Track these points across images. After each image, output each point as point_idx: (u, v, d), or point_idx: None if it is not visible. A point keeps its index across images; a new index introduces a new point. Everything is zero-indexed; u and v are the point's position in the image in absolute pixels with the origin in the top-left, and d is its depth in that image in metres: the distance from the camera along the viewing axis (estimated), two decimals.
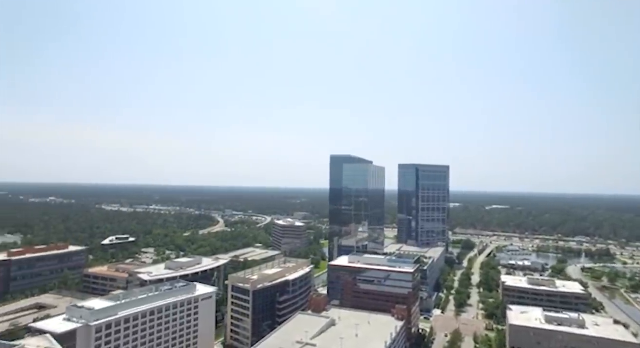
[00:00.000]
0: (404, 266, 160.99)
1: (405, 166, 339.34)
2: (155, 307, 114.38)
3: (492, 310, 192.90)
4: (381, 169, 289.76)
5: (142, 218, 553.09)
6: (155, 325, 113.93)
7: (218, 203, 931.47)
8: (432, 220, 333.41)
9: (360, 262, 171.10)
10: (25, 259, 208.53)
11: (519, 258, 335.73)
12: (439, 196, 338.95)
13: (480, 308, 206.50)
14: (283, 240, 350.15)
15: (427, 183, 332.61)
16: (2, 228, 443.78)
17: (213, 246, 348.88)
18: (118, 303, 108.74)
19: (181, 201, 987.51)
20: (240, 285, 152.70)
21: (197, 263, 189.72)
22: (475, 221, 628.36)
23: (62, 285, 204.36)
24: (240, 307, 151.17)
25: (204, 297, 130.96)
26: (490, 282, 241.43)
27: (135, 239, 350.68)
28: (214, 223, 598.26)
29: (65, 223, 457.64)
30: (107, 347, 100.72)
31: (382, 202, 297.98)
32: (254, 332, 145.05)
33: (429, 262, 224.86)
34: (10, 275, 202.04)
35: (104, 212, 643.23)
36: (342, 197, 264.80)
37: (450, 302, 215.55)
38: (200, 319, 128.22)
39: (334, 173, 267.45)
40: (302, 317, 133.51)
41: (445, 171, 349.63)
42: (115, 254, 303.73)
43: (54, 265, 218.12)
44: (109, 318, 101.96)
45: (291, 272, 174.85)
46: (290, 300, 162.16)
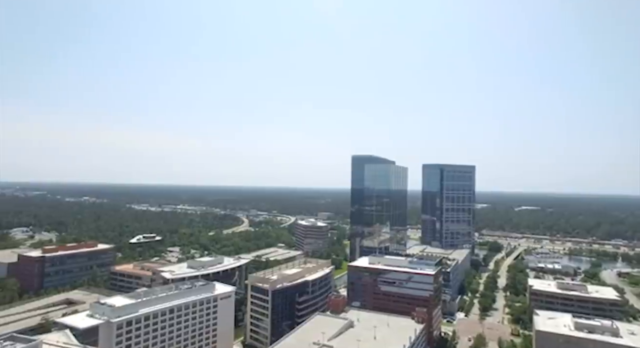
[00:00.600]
0: (425, 268, 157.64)
1: (430, 166, 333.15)
2: (174, 305, 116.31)
3: (519, 315, 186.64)
4: (403, 168, 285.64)
5: (168, 218, 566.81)
6: (174, 322, 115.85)
7: (243, 203, 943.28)
8: (457, 221, 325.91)
9: (380, 263, 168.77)
10: (57, 256, 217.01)
11: (548, 261, 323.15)
12: (464, 197, 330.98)
13: (506, 313, 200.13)
14: (305, 240, 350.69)
15: (452, 184, 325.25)
16: (40, 226, 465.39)
17: (236, 245, 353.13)
18: (139, 301, 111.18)
19: (207, 201, 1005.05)
20: (259, 284, 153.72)
21: (218, 262, 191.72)
22: (503, 222, 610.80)
23: (91, 281, 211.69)
24: (260, 307, 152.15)
25: (223, 296, 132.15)
26: (517, 285, 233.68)
27: (161, 238, 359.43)
28: (239, 223, 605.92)
29: (96, 222, 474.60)
30: (127, 343, 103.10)
31: (405, 202, 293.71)
32: (272, 331, 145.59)
33: (452, 264, 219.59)
34: (44, 271, 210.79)
35: (133, 211, 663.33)
36: (363, 197, 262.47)
37: (475, 306, 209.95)
38: (219, 318, 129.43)
39: (355, 173, 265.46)
40: (320, 318, 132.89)
41: (471, 171, 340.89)
42: (142, 252, 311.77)
43: (83, 262, 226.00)
44: (129, 315, 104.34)
45: (311, 273, 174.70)
46: (310, 300, 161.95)
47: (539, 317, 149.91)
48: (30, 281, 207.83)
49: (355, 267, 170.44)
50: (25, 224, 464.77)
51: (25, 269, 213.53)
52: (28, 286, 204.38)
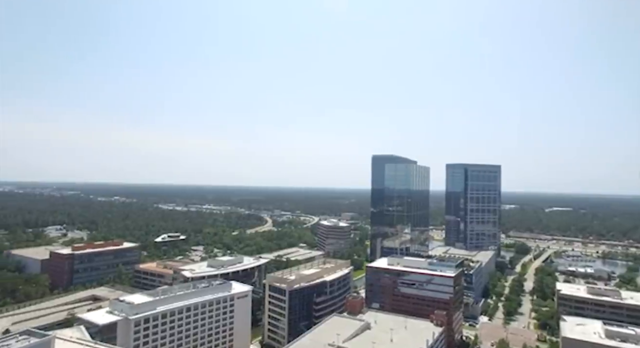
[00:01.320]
0: (446, 270, 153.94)
1: (453, 166, 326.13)
2: (192, 303, 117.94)
3: (546, 320, 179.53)
4: (425, 168, 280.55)
5: (193, 217, 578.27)
6: (191, 321, 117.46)
7: (267, 203, 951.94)
8: (482, 222, 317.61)
9: (399, 264, 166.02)
10: (85, 254, 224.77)
11: (580, 265, 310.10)
12: (489, 197, 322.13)
13: (532, 317, 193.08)
14: (327, 240, 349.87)
15: (477, 184, 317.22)
16: (73, 224, 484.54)
17: (258, 245, 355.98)
18: (157, 299, 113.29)
19: (232, 201, 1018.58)
20: (276, 284, 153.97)
21: (238, 261, 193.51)
22: (532, 224, 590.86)
23: (116, 279, 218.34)
24: (277, 307, 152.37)
25: (240, 295, 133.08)
26: (544, 289, 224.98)
27: (185, 237, 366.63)
28: (262, 222, 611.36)
29: (124, 221, 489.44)
30: (145, 340, 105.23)
31: (427, 202, 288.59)
32: (289, 331, 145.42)
33: (475, 266, 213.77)
34: (73, 268, 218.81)
35: (160, 210, 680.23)
36: (383, 198, 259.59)
37: (499, 309, 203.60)
38: (236, 317, 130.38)
39: (375, 173, 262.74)
40: (336, 319, 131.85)
41: (496, 171, 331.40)
42: (167, 251, 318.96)
43: (110, 260, 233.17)
44: (147, 313, 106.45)
45: (329, 273, 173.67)
46: (328, 301, 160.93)
47: (566, 323, 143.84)
48: (60, 277, 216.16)
49: (374, 268, 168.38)
50: (60, 223, 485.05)
51: (56, 266, 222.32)
52: (59, 282, 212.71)
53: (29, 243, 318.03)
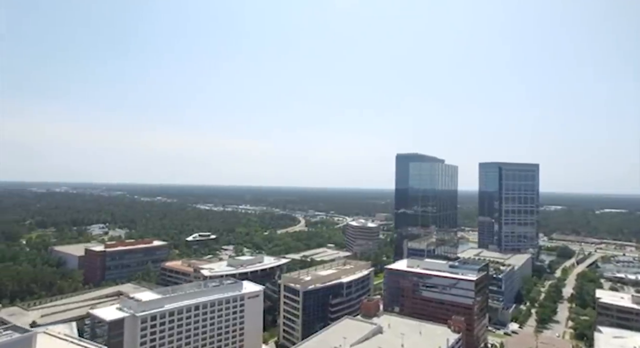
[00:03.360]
0: (467, 273, 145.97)
1: (487, 165, 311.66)
2: (200, 302, 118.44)
3: (584, 330, 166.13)
4: (453, 167, 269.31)
5: (228, 217, 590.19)
6: (200, 319, 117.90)
7: (302, 203, 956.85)
8: (518, 223, 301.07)
9: (419, 266, 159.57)
10: (116, 251, 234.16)
11: (631, 271, 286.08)
12: (526, 197, 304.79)
13: (568, 327, 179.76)
14: (356, 241, 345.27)
15: (512, 184, 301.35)
16: (115, 223, 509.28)
17: (287, 245, 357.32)
18: (165, 297, 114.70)
19: (268, 201, 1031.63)
20: (291, 285, 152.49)
21: (258, 261, 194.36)
22: (579, 226, 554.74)
23: (145, 276, 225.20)
24: (291, 307, 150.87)
25: (251, 295, 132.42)
26: (585, 296, 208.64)
27: (216, 236, 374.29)
28: (295, 223, 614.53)
29: (161, 221, 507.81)
30: (152, 337, 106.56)
31: (454, 202, 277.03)
32: (303, 333, 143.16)
33: (505, 270, 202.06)
34: (105, 264, 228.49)
35: (197, 210, 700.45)
36: (407, 198, 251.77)
37: (532, 316, 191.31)
38: (247, 317, 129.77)
39: (399, 172, 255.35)
40: (348, 322, 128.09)
41: (534, 170, 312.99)
42: (197, 250, 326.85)
43: (140, 258, 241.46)
44: (154, 310, 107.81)
45: (347, 274, 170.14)
46: (344, 302, 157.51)
47: (601, 335, 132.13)
48: (94, 273, 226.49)
49: (393, 270, 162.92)
50: (103, 221, 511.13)
51: (90, 262, 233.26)
52: (92, 278, 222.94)
53: (72, 240, 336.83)
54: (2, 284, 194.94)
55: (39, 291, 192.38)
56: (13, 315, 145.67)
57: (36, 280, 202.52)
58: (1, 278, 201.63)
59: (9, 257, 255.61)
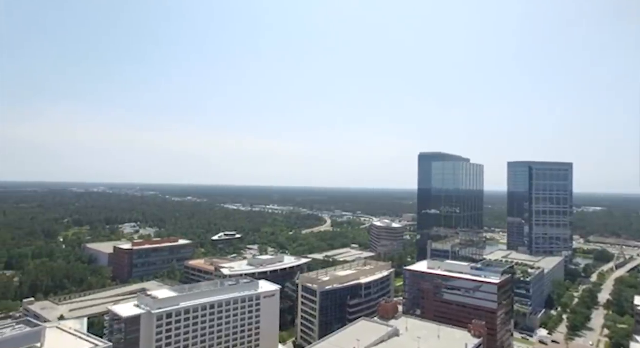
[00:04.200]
0: (490, 276, 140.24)
1: (516, 164, 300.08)
2: (215, 300, 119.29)
3: (620, 339, 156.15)
4: (479, 166, 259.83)
5: (254, 217, 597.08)
6: (215, 318, 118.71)
7: (329, 203, 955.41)
8: (550, 225, 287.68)
9: (440, 268, 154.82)
10: (143, 249, 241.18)
11: None
12: (558, 198, 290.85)
13: (603, 335, 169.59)
14: (380, 241, 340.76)
15: (544, 184, 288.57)
16: (146, 222, 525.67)
17: (311, 245, 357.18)
18: (181, 295, 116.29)
19: (296, 201, 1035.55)
20: (308, 285, 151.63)
21: (278, 261, 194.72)
22: (619, 228, 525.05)
23: (170, 274, 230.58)
24: (309, 308, 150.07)
25: (267, 294, 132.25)
26: (623, 303, 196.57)
27: (241, 236, 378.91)
28: (321, 223, 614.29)
29: (190, 220, 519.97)
30: (167, 334, 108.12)
31: (480, 203, 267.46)
32: (320, 333, 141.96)
33: (534, 273, 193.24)
34: (132, 262, 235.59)
35: (225, 210, 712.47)
36: (430, 198, 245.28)
37: (563, 323, 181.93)
38: (263, 316, 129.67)
39: (422, 172, 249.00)
40: (364, 324, 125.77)
41: (567, 169, 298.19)
42: (223, 249, 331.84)
43: (165, 256, 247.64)
44: (170, 308, 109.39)
45: (367, 275, 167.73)
46: (363, 304, 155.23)
47: (638, 345, 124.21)
48: (122, 270, 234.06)
49: (412, 272, 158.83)
50: (135, 220, 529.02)
51: (119, 260, 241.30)
52: (120, 275, 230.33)
53: (104, 238, 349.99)
54: (38, 279, 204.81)
55: (70, 286, 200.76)
56: (45, 309, 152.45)
57: (69, 276, 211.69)
58: (37, 273, 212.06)
59: (46, 254, 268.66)
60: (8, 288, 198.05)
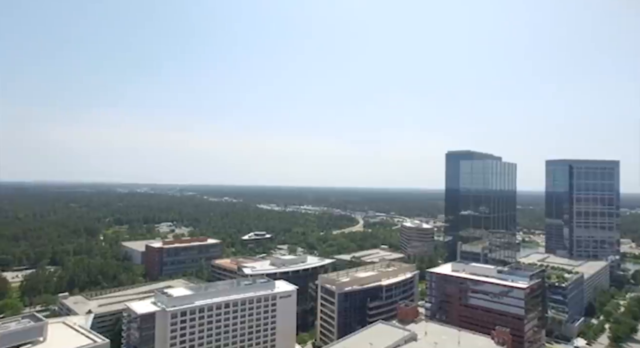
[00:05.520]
0: (518, 280, 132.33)
1: (555, 162, 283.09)
2: (230, 299, 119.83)
3: None
4: (511, 165, 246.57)
5: (287, 217, 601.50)
6: (230, 317, 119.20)
7: (363, 204, 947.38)
8: (593, 227, 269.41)
9: (465, 271, 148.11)
10: (172, 248, 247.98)
11: None
12: (603, 198, 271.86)
13: None
14: (410, 242, 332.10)
15: (586, 183, 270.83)
16: (182, 221, 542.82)
17: (341, 246, 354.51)
18: (197, 293, 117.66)
19: (330, 202, 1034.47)
20: (327, 286, 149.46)
21: (301, 261, 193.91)
22: None
23: (199, 272, 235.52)
24: (328, 309, 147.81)
25: (283, 294, 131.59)
26: None
27: (271, 236, 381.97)
28: (353, 223, 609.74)
29: (223, 220, 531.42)
30: (182, 332, 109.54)
31: (513, 203, 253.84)
32: (339, 335, 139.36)
33: (571, 278, 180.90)
34: (162, 260, 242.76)
35: (259, 210, 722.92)
36: (458, 198, 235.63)
37: (605, 332, 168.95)
38: (279, 316, 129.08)
39: (450, 171, 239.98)
40: (381, 327, 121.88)
41: (613, 167, 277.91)
42: (253, 249, 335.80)
43: (194, 255, 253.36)
44: (184, 306, 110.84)
45: (389, 277, 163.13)
46: (384, 306, 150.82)
47: None
48: (153, 268, 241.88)
49: (436, 274, 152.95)
50: (171, 220, 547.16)
51: (150, 257, 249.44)
52: (152, 272, 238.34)
53: (139, 237, 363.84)
54: (75, 275, 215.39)
55: (103, 282, 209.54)
56: (77, 303, 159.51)
57: (102, 272, 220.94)
58: (75, 269, 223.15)
59: (85, 251, 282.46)
60: (49, 282, 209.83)
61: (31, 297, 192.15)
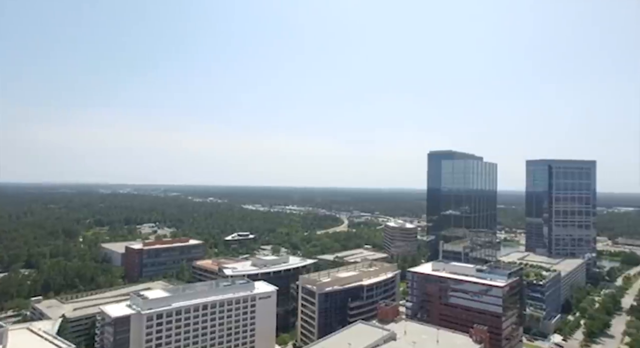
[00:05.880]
0: (496, 278, 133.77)
1: (535, 162, 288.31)
2: (208, 301, 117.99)
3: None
4: (492, 165, 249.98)
5: (271, 218, 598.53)
6: (208, 319, 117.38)
7: (349, 204, 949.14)
8: (571, 225, 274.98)
9: (445, 270, 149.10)
10: (153, 249, 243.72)
11: None
12: (580, 197, 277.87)
13: (624, 342, 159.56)
14: (394, 242, 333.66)
15: (564, 183, 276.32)
16: (165, 222, 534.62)
17: (324, 246, 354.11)
18: (173, 295, 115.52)
19: (316, 202, 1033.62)
20: (308, 286, 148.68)
21: (283, 261, 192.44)
22: None
23: (180, 274, 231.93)
24: (309, 310, 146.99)
25: (262, 295, 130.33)
26: None
27: (255, 236, 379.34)
28: (338, 223, 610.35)
29: (206, 220, 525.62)
30: (158, 335, 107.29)
31: (494, 202, 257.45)
32: (319, 335, 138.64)
33: (548, 276, 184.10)
34: (142, 261, 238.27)
35: (243, 211, 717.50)
36: (440, 197, 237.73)
37: (581, 328, 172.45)
38: (258, 318, 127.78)
39: (431, 171, 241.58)
40: (361, 327, 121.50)
41: (590, 167, 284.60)
42: (236, 249, 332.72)
43: (175, 256, 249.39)
44: (160, 308, 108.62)
45: (370, 277, 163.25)
46: (365, 306, 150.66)
47: None
48: (133, 270, 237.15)
49: (415, 273, 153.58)
50: (154, 220, 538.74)
51: (130, 259, 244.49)
52: (131, 274, 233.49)
53: (120, 238, 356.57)
54: (51, 278, 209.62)
55: (80, 285, 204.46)
56: (50, 307, 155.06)
57: (80, 275, 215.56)
58: (50, 272, 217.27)
59: (62, 253, 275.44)
60: (22, 286, 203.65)
61: (2, 301, 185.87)
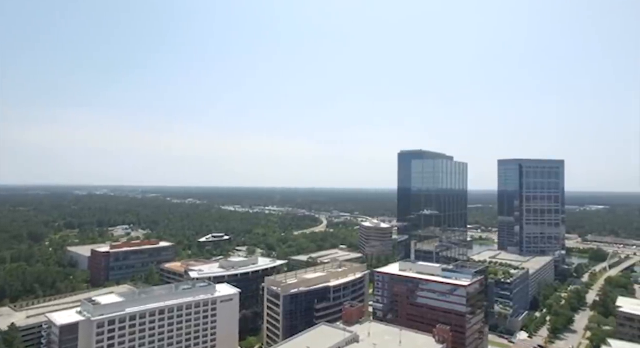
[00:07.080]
0: (460, 277, 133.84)
1: (506, 161, 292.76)
2: (165, 305, 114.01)
3: (600, 342, 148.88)
4: (462, 164, 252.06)
5: (248, 218, 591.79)
6: (165, 324, 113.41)
7: (329, 204, 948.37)
8: (541, 223, 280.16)
9: (411, 270, 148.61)
10: (121, 252, 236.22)
11: None
12: (550, 196, 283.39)
13: (585, 337, 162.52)
14: (368, 242, 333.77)
15: (534, 181, 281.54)
16: (139, 224, 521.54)
17: (300, 246, 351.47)
18: (127, 300, 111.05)
19: (296, 202, 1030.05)
20: (272, 288, 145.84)
21: (252, 262, 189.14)
22: (619, 227, 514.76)
23: (148, 277, 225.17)
24: (274, 312, 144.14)
25: (224, 298, 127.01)
26: (609, 304, 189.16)
27: (230, 237, 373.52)
28: (317, 223, 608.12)
29: (182, 221, 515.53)
30: (109, 342, 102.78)
31: (465, 202, 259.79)
32: (284, 337, 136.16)
33: (516, 273, 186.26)
34: (108, 264, 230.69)
35: (221, 212, 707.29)
36: (410, 197, 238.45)
37: (546, 324, 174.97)
38: (219, 321, 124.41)
39: (402, 170, 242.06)
40: (324, 328, 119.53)
41: (558, 166, 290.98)
42: (210, 251, 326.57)
43: (144, 258, 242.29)
44: (112, 314, 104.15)
45: (337, 277, 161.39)
46: (331, 307, 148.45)
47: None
48: (98, 273, 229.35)
49: (380, 273, 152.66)
50: (128, 222, 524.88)
51: (96, 263, 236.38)
52: (97, 278, 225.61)
53: (89, 241, 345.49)
54: (7, 284, 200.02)
55: (39, 291, 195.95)
56: (1, 315, 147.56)
57: (40, 280, 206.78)
58: (8, 277, 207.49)
59: (24, 257, 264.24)
60: None
61: None
